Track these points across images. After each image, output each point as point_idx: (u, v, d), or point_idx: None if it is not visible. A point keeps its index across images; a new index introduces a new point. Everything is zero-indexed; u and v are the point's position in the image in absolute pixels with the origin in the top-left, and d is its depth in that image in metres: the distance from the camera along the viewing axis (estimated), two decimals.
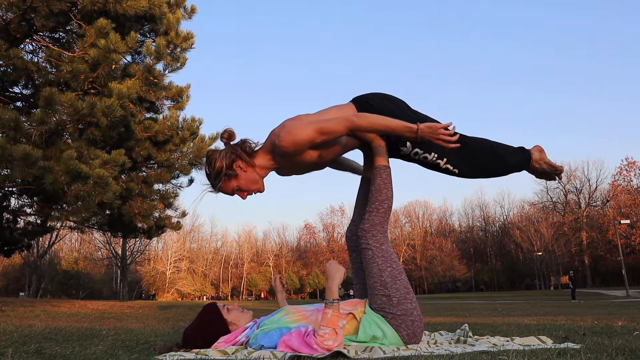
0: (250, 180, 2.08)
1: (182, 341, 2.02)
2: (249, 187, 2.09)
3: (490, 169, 2.25)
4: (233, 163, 2.03)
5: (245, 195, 2.11)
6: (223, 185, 2.06)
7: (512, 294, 38.38)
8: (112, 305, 13.20)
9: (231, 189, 2.08)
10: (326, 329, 1.75)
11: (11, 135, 6.14)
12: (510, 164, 2.25)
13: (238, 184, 2.06)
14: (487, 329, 3.16)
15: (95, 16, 6.93)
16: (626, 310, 7.09)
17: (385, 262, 2.04)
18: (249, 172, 2.07)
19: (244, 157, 2.05)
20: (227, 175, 2.03)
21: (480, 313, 7.72)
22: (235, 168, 2.04)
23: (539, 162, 2.27)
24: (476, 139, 2.24)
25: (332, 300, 1.84)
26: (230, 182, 2.06)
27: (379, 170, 2.17)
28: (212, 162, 2.04)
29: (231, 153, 2.04)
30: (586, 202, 56.52)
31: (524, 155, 2.26)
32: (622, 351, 1.66)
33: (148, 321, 5.51)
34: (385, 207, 2.13)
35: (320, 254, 67.99)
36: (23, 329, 3.32)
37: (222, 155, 2.04)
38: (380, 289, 2.00)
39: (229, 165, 2.03)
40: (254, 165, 2.08)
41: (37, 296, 37.63)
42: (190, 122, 10.26)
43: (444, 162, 2.18)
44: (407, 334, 1.96)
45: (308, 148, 2.02)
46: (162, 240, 58.65)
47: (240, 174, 2.05)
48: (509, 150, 2.26)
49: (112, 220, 10.13)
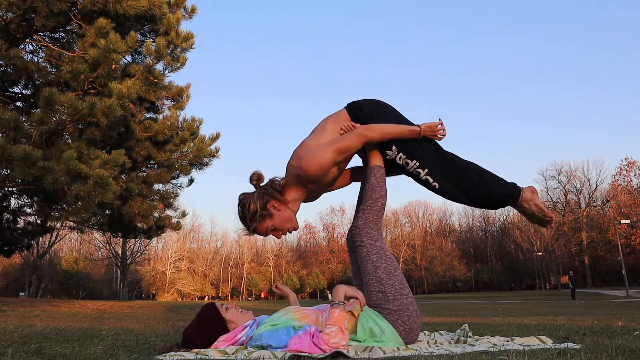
0: (285, 219, 2.12)
1: (181, 341, 2.02)
2: (284, 225, 2.13)
3: (475, 192, 2.20)
4: (267, 203, 2.08)
5: (280, 234, 2.15)
6: (259, 227, 2.10)
7: (512, 294, 38.37)
8: (112, 305, 13.20)
9: (265, 229, 2.12)
10: (332, 327, 1.78)
11: (11, 135, 6.14)
12: (497, 194, 2.19)
13: (273, 223, 2.11)
14: (487, 329, 3.16)
15: (95, 16, 6.93)
16: (626, 310, 7.09)
17: (380, 259, 2.07)
18: (283, 211, 2.12)
19: (277, 197, 2.11)
20: (262, 215, 2.07)
21: (480, 313, 7.72)
22: (269, 208, 2.08)
23: (528, 202, 2.20)
24: (467, 161, 2.23)
25: (339, 302, 1.88)
26: (265, 222, 2.10)
27: (373, 170, 2.22)
28: (247, 205, 2.08)
29: (264, 194, 2.10)
30: (586, 202, 56.54)
31: (514, 189, 2.20)
32: (622, 351, 1.66)
33: (148, 321, 5.51)
34: (378, 205, 2.17)
35: (320, 254, 67.99)
36: (23, 329, 3.32)
37: (256, 197, 2.08)
38: (376, 285, 2.03)
39: (263, 206, 2.07)
40: (287, 202, 2.13)
41: (37, 296, 37.64)
42: (190, 122, 10.26)
43: (424, 173, 2.18)
44: (404, 329, 1.98)
45: (331, 167, 2.10)
46: (162, 240, 58.73)
47: (275, 214, 2.10)
48: (499, 180, 2.21)
49: (112, 221, 10.13)
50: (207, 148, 10.34)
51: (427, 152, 2.18)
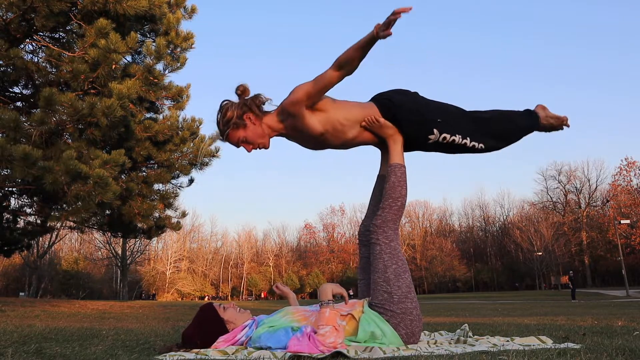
0: (257, 134, 2.15)
1: (181, 342, 2.02)
2: (255, 139, 2.16)
3: (509, 135, 2.36)
4: (244, 114, 2.12)
5: (251, 148, 2.18)
6: (231, 133, 2.14)
7: (512, 294, 38.37)
8: (112, 305, 13.19)
9: (237, 138, 2.15)
10: (326, 327, 1.78)
11: (11, 135, 6.14)
12: (524, 126, 2.39)
13: (245, 135, 2.14)
14: (487, 329, 3.16)
15: (95, 16, 6.93)
16: (626, 310, 7.09)
17: (391, 259, 2.07)
18: (257, 126, 2.15)
19: (255, 110, 2.14)
20: (236, 124, 2.11)
21: (480, 313, 7.72)
22: (245, 119, 2.12)
23: (546, 119, 2.42)
24: (489, 111, 2.36)
25: (327, 300, 1.88)
26: (238, 131, 2.13)
27: (394, 168, 2.22)
28: (224, 111, 2.13)
29: (243, 105, 2.13)
30: (586, 202, 56.53)
31: (533, 115, 2.40)
32: (622, 351, 1.66)
33: (148, 321, 5.51)
34: (398, 204, 2.18)
35: (320, 254, 67.99)
36: (23, 329, 3.32)
37: (235, 106, 2.12)
38: (383, 285, 2.03)
39: (239, 116, 2.11)
40: (262, 119, 2.16)
41: (37, 296, 37.63)
42: (190, 122, 10.26)
43: (470, 141, 2.26)
44: (405, 333, 1.97)
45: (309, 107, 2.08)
46: (162, 240, 58.69)
47: (249, 125, 2.13)
48: (519, 114, 2.41)
49: (112, 220, 10.13)
50: (207, 148, 10.35)
51: (461, 121, 2.25)
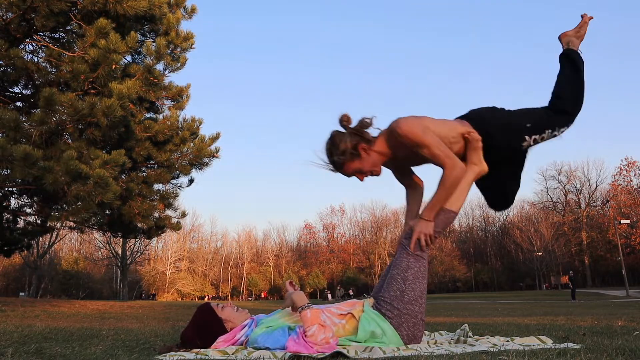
0: (372, 163, 2.15)
1: (180, 343, 2.02)
2: (369, 168, 2.16)
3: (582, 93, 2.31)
4: (358, 145, 2.11)
5: (363, 177, 2.19)
6: (345, 166, 2.13)
7: (512, 294, 38.36)
8: (112, 305, 13.18)
9: (352, 169, 2.15)
10: (312, 327, 1.79)
11: (11, 135, 6.14)
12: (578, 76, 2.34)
13: (361, 165, 2.14)
14: (487, 329, 3.16)
15: (95, 16, 6.92)
16: (626, 310, 7.08)
17: (415, 263, 2.09)
18: (372, 155, 2.14)
19: (366, 139, 2.13)
20: (352, 155, 2.10)
21: (480, 313, 7.72)
22: (359, 150, 2.11)
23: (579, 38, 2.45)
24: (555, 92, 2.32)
25: (304, 305, 1.89)
26: (354, 162, 2.13)
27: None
28: (338, 143, 2.11)
29: (354, 134, 2.12)
30: (586, 202, 56.51)
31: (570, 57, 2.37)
32: (622, 351, 1.66)
33: (148, 321, 5.51)
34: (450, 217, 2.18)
35: (320, 254, 67.94)
36: (23, 329, 3.32)
37: (347, 137, 2.12)
38: (399, 281, 2.05)
39: (354, 147, 2.10)
40: (374, 147, 2.15)
41: (37, 296, 37.63)
42: (190, 122, 10.27)
43: (557, 131, 2.26)
44: (407, 334, 1.97)
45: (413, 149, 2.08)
46: (162, 240, 58.67)
47: (363, 156, 2.12)
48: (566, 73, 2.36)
49: (112, 221, 10.12)
50: (207, 148, 10.35)
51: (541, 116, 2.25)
